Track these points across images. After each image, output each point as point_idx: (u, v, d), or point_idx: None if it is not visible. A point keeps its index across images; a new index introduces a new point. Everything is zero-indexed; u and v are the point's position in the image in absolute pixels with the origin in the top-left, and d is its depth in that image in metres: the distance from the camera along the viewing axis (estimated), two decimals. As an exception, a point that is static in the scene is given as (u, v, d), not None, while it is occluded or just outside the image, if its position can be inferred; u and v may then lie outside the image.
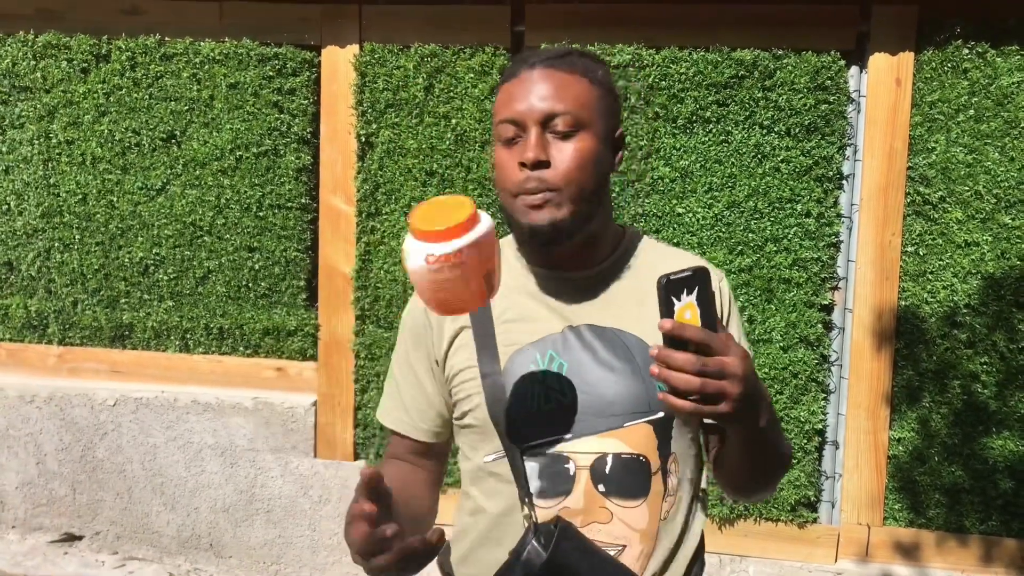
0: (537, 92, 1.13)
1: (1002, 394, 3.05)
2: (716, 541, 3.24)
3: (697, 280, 0.98)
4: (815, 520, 3.22)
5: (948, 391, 3.09)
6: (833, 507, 3.23)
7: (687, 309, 0.97)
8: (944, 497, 3.12)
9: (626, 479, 1.15)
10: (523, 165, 1.13)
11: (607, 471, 1.14)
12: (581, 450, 1.14)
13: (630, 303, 1.21)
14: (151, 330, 3.55)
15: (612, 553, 1.14)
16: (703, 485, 1.27)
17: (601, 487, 1.14)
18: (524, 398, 1.16)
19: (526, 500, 1.15)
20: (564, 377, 1.16)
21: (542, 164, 1.12)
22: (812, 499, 3.20)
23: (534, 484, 1.15)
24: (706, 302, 0.98)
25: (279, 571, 3.50)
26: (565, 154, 1.13)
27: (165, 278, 3.51)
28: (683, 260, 1.26)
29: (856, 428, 3.16)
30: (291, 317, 3.46)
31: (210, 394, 3.50)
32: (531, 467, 1.16)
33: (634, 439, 1.15)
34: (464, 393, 1.21)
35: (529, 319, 1.20)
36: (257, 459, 3.47)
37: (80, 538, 3.63)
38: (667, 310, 0.97)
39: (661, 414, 1.16)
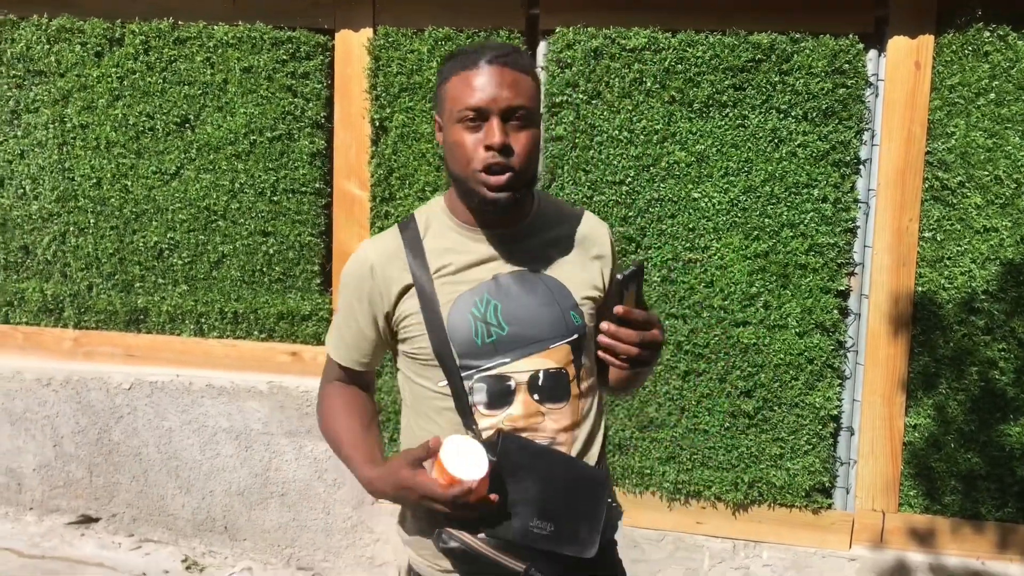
0: (498, 86, 1.36)
1: (1020, 380, 3.03)
2: (729, 527, 3.24)
3: (637, 275, 1.33)
4: (829, 506, 3.21)
5: (965, 377, 3.07)
6: (848, 493, 3.22)
7: (629, 297, 1.32)
8: (960, 483, 3.11)
9: (554, 388, 1.45)
10: (488, 148, 1.36)
11: (540, 383, 1.44)
12: (518, 370, 1.44)
13: (543, 251, 1.51)
14: (166, 314, 3.57)
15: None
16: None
17: (536, 396, 1.44)
18: (469, 335, 1.42)
19: (471, 423, 1.43)
20: (499, 315, 1.44)
21: (508, 149, 1.36)
22: (827, 485, 3.19)
23: (482, 399, 1.43)
24: (640, 288, 1.35)
25: (293, 554, 3.53)
26: (521, 142, 1.38)
27: (180, 262, 3.52)
28: (571, 212, 1.61)
29: (872, 414, 3.14)
30: (305, 301, 3.47)
31: (225, 378, 3.51)
32: (479, 387, 1.43)
33: (557, 356, 1.46)
34: (415, 333, 1.47)
35: (464, 270, 1.46)
36: (272, 443, 3.48)
37: (97, 520, 3.66)
38: (618, 296, 1.31)
39: (575, 336, 1.47)
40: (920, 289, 3.08)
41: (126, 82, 3.47)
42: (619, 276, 1.32)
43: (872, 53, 3.06)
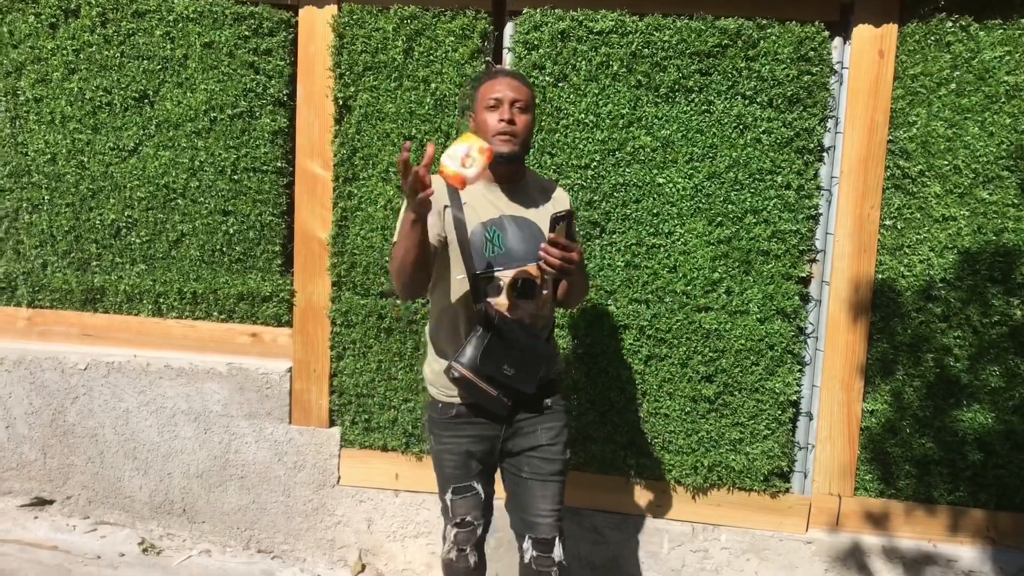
0: (509, 87, 2.29)
1: (974, 368, 3.09)
2: (688, 510, 3.27)
3: (568, 216, 2.13)
4: (787, 490, 3.25)
5: (922, 364, 3.12)
6: (805, 477, 3.26)
7: (560, 229, 2.11)
8: (914, 468, 3.16)
9: (526, 289, 2.30)
10: (503, 120, 2.25)
11: (518, 285, 2.29)
12: (506, 276, 2.28)
13: (530, 203, 2.37)
14: (123, 294, 3.50)
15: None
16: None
17: (515, 293, 2.29)
18: (480, 250, 2.27)
19: (481, 301, 2.26)
20: (499, 240, 2.29)
21: (512, 121, 2.27)
22: (785, 469, 3.23)
23: (483, 291, 2.27)
24: (570, 225, 2.15)
25: (252, 536, 3.49)
26: (521, 120, 2.29)
27: (138, 241, 3.45)
28: (548, 182, 2.52)
29: (830, 400, 3.18)
30: (266, 282, 3.42)
31: (183, 359, 3.46)
32: (482, 283, 2.27)
33: (529, 271, 2.28)
34: (448, 238, 2.31)
35: (483, 207, 2.32)
36: (231, 425, 3.44)
37: (51, 502, 3.60)
38: (552, 228, 2.13)
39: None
40: (880, 277, 3.12)
41: (82, 55, 3.38)
42: (553, 215, 2.14)
43: (837, 41, 3.08)
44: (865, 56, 3.04)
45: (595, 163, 3.15)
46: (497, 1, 3.19)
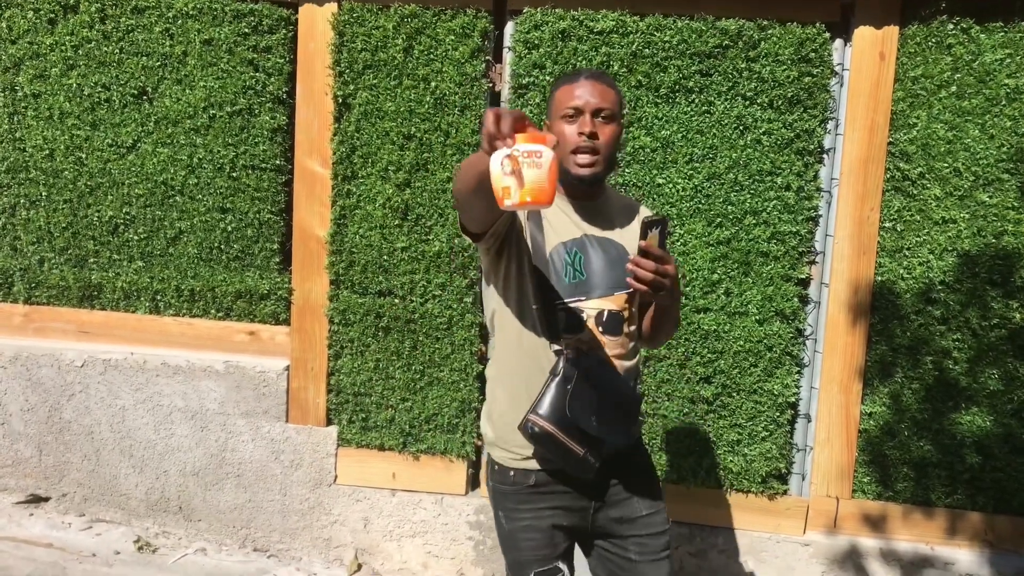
0: (591, 93, 1.89)
1: (973, 371, 3.08)
2: (686, 511, 3.26)
3: (661, 222, 1.71)
4: (785, 492, 3.25)
5: (920, 367, 3.11)
6: (803, 479, 3.26)
7: (653, 238, 1.70)
8: (912, 471, 3.16)
9: (613, 324, 1.94)
10: (582, 134, 1.87)
11: (604, 320, 1.92)
12: (590, 307, 1.92)
13: (614, 223, 2.01)
14: (120, 291, 3.49)
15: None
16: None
17: (600, 328, 1.92)
18: (561, 274, 1.91)
19: (557, 339, 1.88)
20: (581, 264, 1.92)
21: (595, 136, 1.88)
22: (783, 471, 3.22)
23: (561, 325, 1.88)
24: (663, 234, 1.72)
25: (248, 535, 3.48)
26: (606, 132, 1.90)
27: (135, 238, 3.44)
28: (629, 201, 2.12)
29: (829, 402, 3.18)
30: (264, 280, 3.41)
31: (180, 357, 3.45)
32: (560, 315, 1.89)
33: (617, 302, 1.94)
34: (523, 256, 1.92)
35: (564, 226, 1.95)
36: (228, 423, 3.43)
37: (46, 499, 3.59)
38: (644, 236, 1.71)
39: (631, 288, 1.78)
40: (879, 279, 3.12)
41: (81, 51, 3.37)
42: (644, 219, 1.71)
43: (838, 42, 3.07)
44: (866, 58, 3.04)
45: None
46: (498, 0, 3.18)
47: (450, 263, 3.24)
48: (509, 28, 3.20)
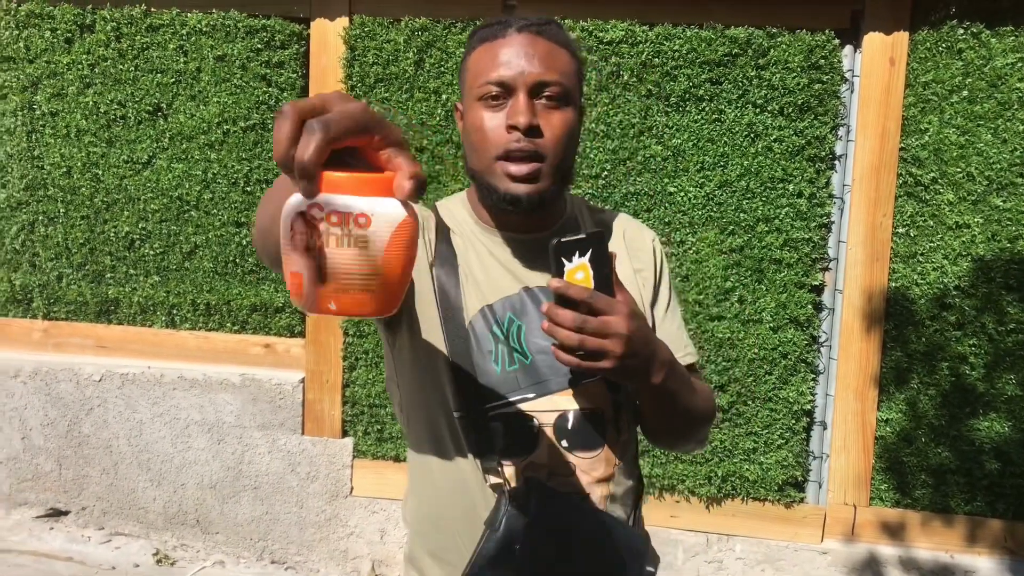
0: (527, 57, 1.12)
1: (990, 376, 3.06)
2: (703, 520, 3.25)
3: (591, 243, 1.00)
4: (802, 500, 3.23)
5: (936, 372, 3.10)
6: (820, 487, 3.24)
7: (579, 270, 1.00)
8: (930, 478, 3.14)
9: (585, 433, 1.18)
10: (513, 128, 1.12)
11: (568, 427, 1.17)
12: (542, 408, 1.16)
13: None
14: (137, 305, 3.52)
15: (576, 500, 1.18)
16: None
17: (564, 442, 1.17)
18: (487, 358, 1.16)
19: (495, 467, 1.15)
20: (519, 339, 1.18)
21: (535, 130, 1.12)
22: (799, 479, 3.21)
23: (499, 441, 1.16)
24: (601, 263, 1.01)
25: (266, 547, 3.50)
26: (554, 124, 1.13)
27: (151, 253, 3.48)
28: (621, 221, 1.33)
29: (844, 409, 3.16)
30: (279, 293, 3.44)
31: (197, 370, 3.48)
32: (495, 427, 1.16)
33: (589, 396, 1.18)
34: (428, 327, 1.19)
35: (490, 279, 1.21)
36: (244, 436, 3.45)
37: (66, 513, 3.62)
38: (557, 270, 0.99)
39: (615, 380, 1.17)
40: (893, 285, 3.10)
41: (97, 69, 3.42)
42: (553, 241, 1.00)
43: (848, 49, 3.07)
44: (876, 64, 3.04)
45: (606, 172, 3.15)
46: (507, 11, 3.20)
47: None
48: (519, 40, 3.21)
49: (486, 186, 1.17)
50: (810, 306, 3.12)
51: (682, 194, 3.12)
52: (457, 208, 1.28)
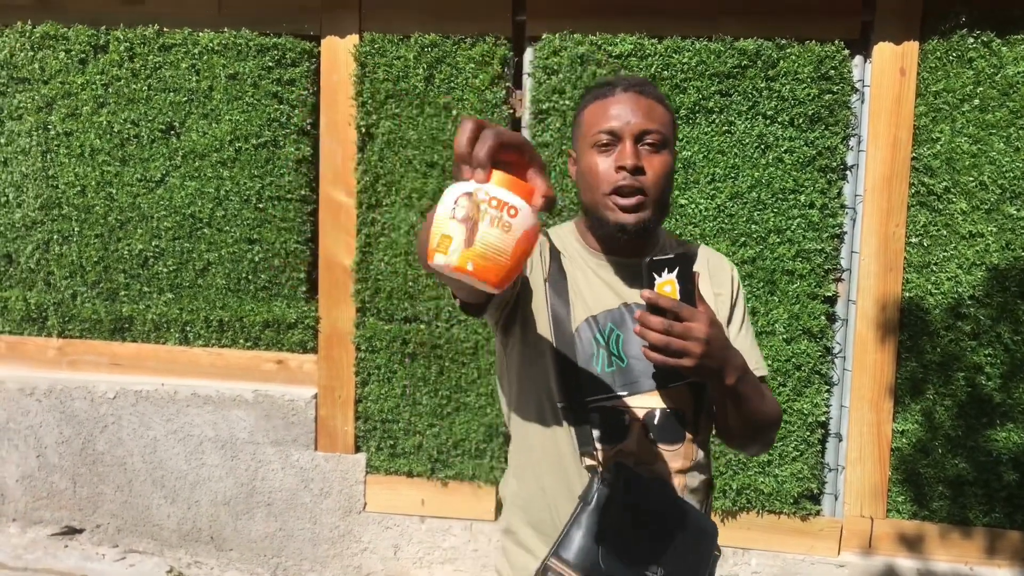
0: (632, 111, 1.38)
1: (1006, 386, 3.04)
2: (718, 534, 3.22)
3: (678, 262, 1.22)
4: (818, 513, 3.20)
5: (952, 383, 3.07)
6: (836, 499, 3.21)
7: (667, 284, 1.22)
8: (948, 489, 3.11)
9: (669, 428, 1.39)
10: (621, 168, 1.35)
11: (655, 422, 1.39)
12: (634, 405, 1.38)
13: None
14: (151, 323, 3.54)
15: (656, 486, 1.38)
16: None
17: (651, 435, 1.39)
18: (589, 360, 1.39)
19: (591, 451, 1.37)
20: (620, 346, 1.40)
21: (639, 169, 1.35)
22: (815, 491, 3.18)
23: (596, 432, 1.37)
24: (686, 280, 1.22)
25: (280, 564, 3.49)
26: (655, 165, 1.37)
27: (165, 270, 3.50)
28: (705, 251, 1.56)
29: (859, 420, 3.14)
30: (291, 309, 3.45)
31: (210, 387, 3.49)
32: (594, 417, 1.38)
33: (674, 397, 1.40)
34: (541, 335, 1.41)
35: (595, 294, 1.44)
36: (258, 452, 3.45)
37: (81, 531, 3.62)
38: (649, 283, 1.22)
39: (695, 378, 1.34)
40: (907, 295, 3.09)
41: (111, 89, 3.45)
42: (646, 259, 1.22)
43: (858, 59, 3.07)
44: (886, 74, 3.03)
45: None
46: (516, 27, 3.22)
47: None
48: (528, 55, 3.23)
49: (598, 217, 1.40)
50: (823, 317, 3.10)
51: (693, 206, 3.12)
52: (566, 235, 1.52)
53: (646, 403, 1.39)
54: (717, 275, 1.53)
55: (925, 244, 3.06)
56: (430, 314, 3.30)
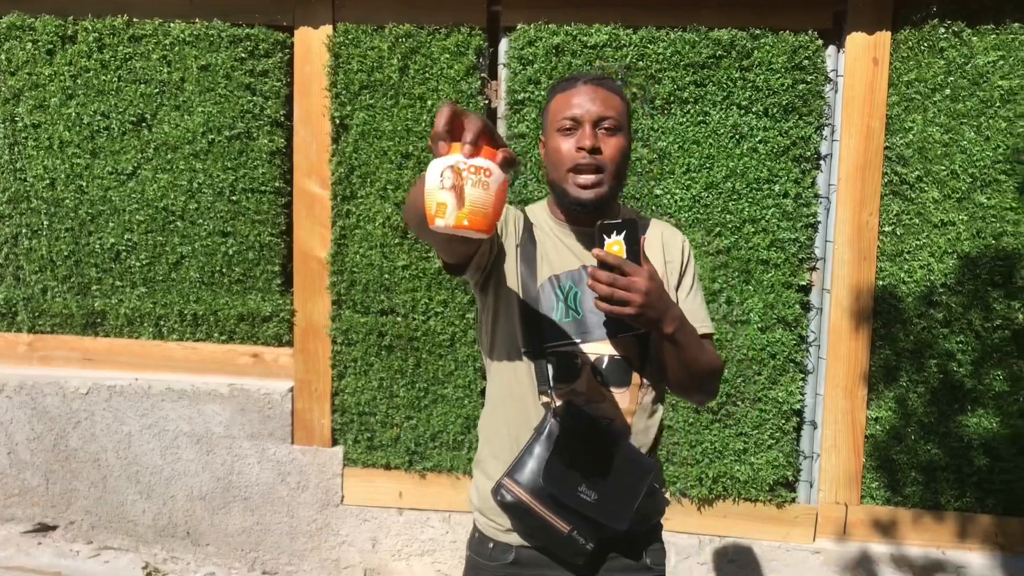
0: (591, 101, 1.59)
1: (977, 372, 3.08)
2: (695, 522, 3.25)
3: (625, 226, 1.42)
4: (793, 500, 3.23)
5: (925, 370, 3.11)
6: (811, 487, 3.24)
7: (615, 244, 1.42)
8: (920, 475, 3.15)
9: (617, 373, 1.60)
10: (581, 149, 1.57)
11: (604, 366, 1.59)
12: (586, 351, 1.59)
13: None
14: (124, 317, 3.50)
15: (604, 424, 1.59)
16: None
17: (600, 377, 1.59)
18: (550, 312, 1.62)
19: (547, 389, 1.58)
20: (577, 301, 1.62)
21: (597, 150, 1.57)
22: (790, 479, 3.21)
23: (552, 373, 1.58)
24: (632, 241, 1.42)
25: (257, 558, 3.48)
26: (611, 145, 1.59)
27: (137, 264, 3.46)
28: (660, 225, 1.75)
29: (834, 408, 3.17)
30: (266, 303, 3.42)
31: (185, 381, 3.46)
32: (550, 361, 1.59)
33: (622, 346, 1.60)
34: (510, 289, 1.63)
35: (559, 257, 1.66)
36: (234, 446, 3.43)
37: (54, 528, 3.58)
38: (600, 243, 1.42)
39: (642, 329, 1.54)
40: (880, 283, 3.12)
41: (79, 80, 3.40)
42: (599, 222, 1.43)
43: (831, 49, 3.09)
44: (859, 63, 3.05)
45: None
46: (491, 17, 3.21)
47: (451, 280, 3.25)
48: (503, 45, 3.22)
49: (562, 192, 1.63)
50: (798, 306, 3.13)
51: (668, 196, 3.13)
52: (539, 211, 1.74)
53: (597, 350, 1.60)
54: (670, 245, 1.72)
55: (898, 233, 3.09)
56: (407, 306, 3.29)
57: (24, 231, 3.51)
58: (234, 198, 3.38)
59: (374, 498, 3.40)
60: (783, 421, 3.17)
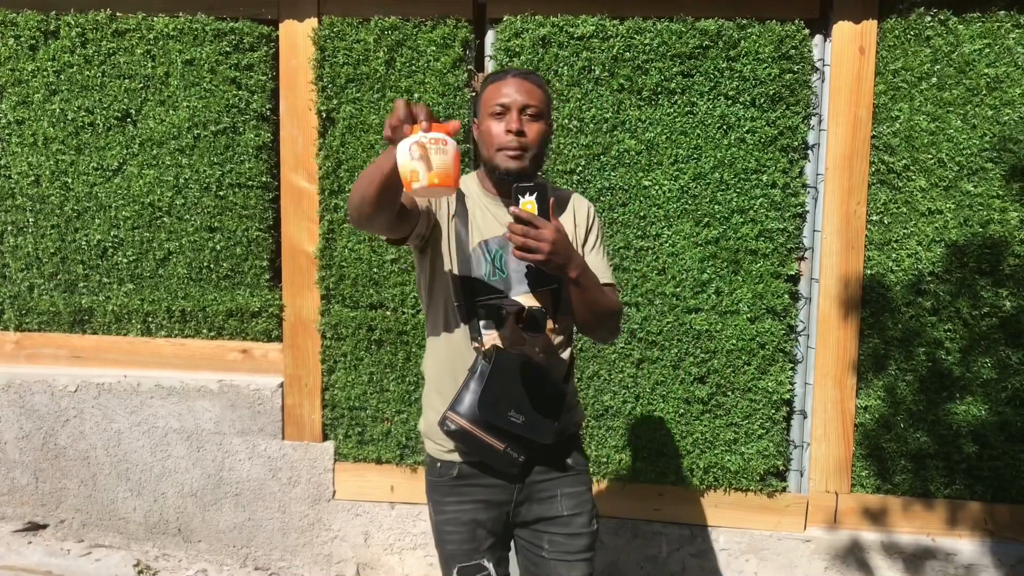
0: (518, 91, 1.90)
1: (966, 360, 3.09)
2: (686, 512, 3.26)
3: (537, 188, 1.72)
4: (784, 489, 3.24)
5: (913, 358, 3.12)
6: (802, 476, 3.26)
7: (528, 203, 1.72)
8: (910, 463, 3.16)
9: (535, 321, 1.93)
10: (509, 131, 1.87)
11: (524, 315, 1.93)
12: (510, 303, 1.93)
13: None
14: (111, 314, 3.48)
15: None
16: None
17: (520, 325, 1.93)
18: (480, 270, 1.94)
19: (477, 336, 1.93)
20: (502, 262, 1.95)
21: (522, 133, 1.88)
22: (781, 468, 3.22)
23: (482, 323, 1.93)
24: (543, 201, 1.72)
25: (249, 554, 3.47)
26: (533, 129, 1.90)
27: (124, 260, 3.44)
28: (575, 197, 2.08)
29: (823, 397, 3.18)
30: (255, 298, 3.41)
31: (174, 378, 3.44)
32: (480, 312, 1.93)
33: (540, 299, 1.95)
34: (446, 251, 1.95)
35: (489, 224, 1.97)
36: (224, 442, 3.42)
37: (44, 526, 3.57)
38: (516, 203, 1.72)
39: (555, 285, 1.93)
40: (869, 272, 3.12)
41: (63, 76, 3.37)
42: (516, 185, 1.73)
43: (818, 38, 3.08)
44: (846, 53, 3.05)
45: (580, 168, 3.14)
46: (477, 9, 3.19)
47: None
48: (490, 37, 3.21)
49: (492, 167, 1.92)
50: (787, 296, 3.13)
51: (656, 187, 3.12)
52: (470, 183, 2.02)
53: (518, 302, 1.93)
54: (579, 211, 2.04)
55: (886, 222, 3.09)
56: (396, 300, 3.28)
57: (9, 228, 3.48)
58: (221, 193, 3.36)
59: (366, 493, 3.40)
60: (773, 411, 3.17)
